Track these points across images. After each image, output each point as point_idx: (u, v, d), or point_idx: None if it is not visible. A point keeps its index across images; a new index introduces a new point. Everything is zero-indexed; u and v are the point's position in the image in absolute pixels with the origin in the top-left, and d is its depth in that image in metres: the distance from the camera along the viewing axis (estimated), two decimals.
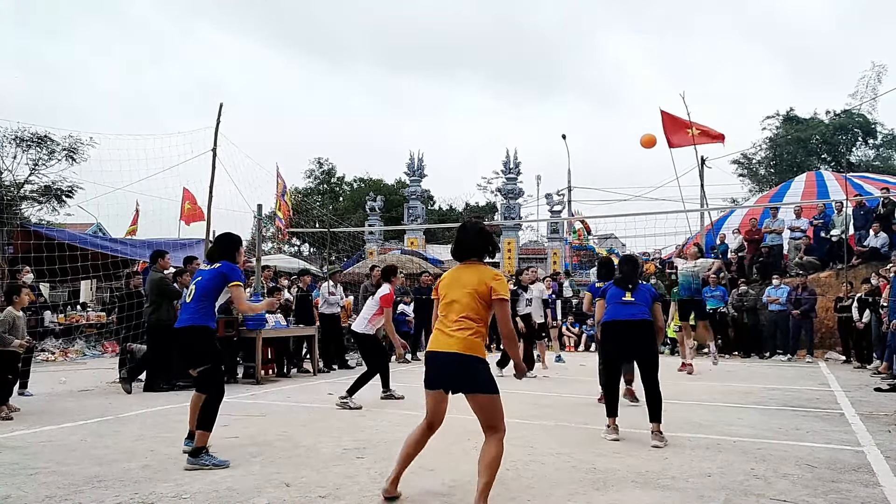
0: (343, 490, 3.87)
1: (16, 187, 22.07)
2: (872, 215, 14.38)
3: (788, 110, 36.09)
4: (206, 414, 4.50)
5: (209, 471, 4.27)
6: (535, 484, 4.04)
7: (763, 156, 35.79)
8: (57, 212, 23.92)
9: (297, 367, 10.82)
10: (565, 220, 26.72)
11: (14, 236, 13.98)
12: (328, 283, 11.49)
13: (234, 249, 4.92)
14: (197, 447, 4.43)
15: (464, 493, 3.82)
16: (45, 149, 22.21)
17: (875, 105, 32.80)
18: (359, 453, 4.82)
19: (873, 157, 33.93)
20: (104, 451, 4.88)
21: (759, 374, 10.69)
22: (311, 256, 31.95)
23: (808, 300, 13.23)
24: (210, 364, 4.63)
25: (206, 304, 4.71)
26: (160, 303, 8.44)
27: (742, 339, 14.36)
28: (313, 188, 45.19)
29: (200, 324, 4.65)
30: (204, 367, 4.61)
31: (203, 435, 4.46)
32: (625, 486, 3.98)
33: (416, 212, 29.33)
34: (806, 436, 5.57)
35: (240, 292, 4.80)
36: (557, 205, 27.46)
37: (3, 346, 6.56)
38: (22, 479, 4.07)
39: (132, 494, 3.77)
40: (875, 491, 3.91)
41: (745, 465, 4.49)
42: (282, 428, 5.80)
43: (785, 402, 7.48)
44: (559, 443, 5.20)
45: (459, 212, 43.84)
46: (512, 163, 28.96)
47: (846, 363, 12.43)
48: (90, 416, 6.38)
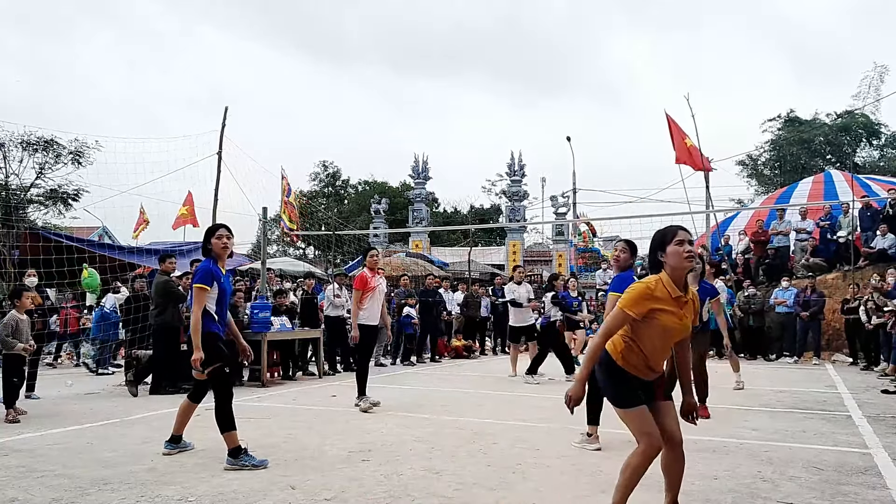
0: (348, 493, 3.87)
1: (22, 191, 22.19)
2: (879, 216, 14.33)
3: (789, 112, 36.00)
4: (221, 417, 4.49)
5: (217, 473, 4.28)
6: (541, 486, 4.03)
7: (767, 157, 35.70)
8: (63, 215, 24.04)
9: (302, 369, 10.82)
10: (570, 223, 26.70)
11: (21, 239, 14.04)
12: (333, 286, 11.50)
13: (208, 238, 4.73)
14: (233, 448, 4.44)
15: (470, 496, 3.81)
16: (52, 152, 22.33)
17: (878, 106, 32.70)
18: (364, 456, 4.82)
19: (878, 158, 33.81)
20: (110, 453, 4.90)
21: (765, 377, 10.64)
22: (317, 259, 31.96)
23: (817, 302, 13.17)
24: (216, 365, 4.60)
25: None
26: (165, 305, 8.47)
27: (748, 342, 14.30)
28: (318, 191, 45.29)
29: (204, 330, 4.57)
30: (213, 367, 4.56)
31: (231, 436, 4.46)
32: None
33: (420, 214, 29.37)
34: (813, 438, 5.54)
35: (196, 294, 4.52)
36: (562, 207, 27.44)
37: (8, 350, 6.59)
38: (29, 482, 4.08)
39: (138, 497, 3.78)
40: (883, 493, 3.89)
41: (751, 468, 4.48)
42: (287, 430, 5.81)
43: (792, 405, 7.44)
44: (565, 445, 5.18)
45: (464, 214, 43.87)
46: (517, 165, 28.97)
47: (853, 365, 12.37)
48: (96, 419, 6.41)
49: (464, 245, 28.77)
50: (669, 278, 3.00)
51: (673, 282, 2.99)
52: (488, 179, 48.23)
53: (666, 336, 3.01)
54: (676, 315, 2.99)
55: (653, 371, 3.09)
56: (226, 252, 4.74)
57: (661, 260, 3.03)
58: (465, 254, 23.48)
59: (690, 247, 3.01)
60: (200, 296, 4.53)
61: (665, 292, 2.97)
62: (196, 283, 4.53)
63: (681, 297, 3.00)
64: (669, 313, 2.97)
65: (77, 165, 22.64)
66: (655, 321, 2.96)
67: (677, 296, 2.98)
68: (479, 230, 32.48)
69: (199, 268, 4.66)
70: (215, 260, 4.69)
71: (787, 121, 35.56)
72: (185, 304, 9.00)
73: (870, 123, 33.27)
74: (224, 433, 4.47)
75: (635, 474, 3.07)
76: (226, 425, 4.48)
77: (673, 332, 3.01)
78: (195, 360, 4.47)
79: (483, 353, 15.47)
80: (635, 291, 2.99)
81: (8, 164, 21.84)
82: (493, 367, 12.22)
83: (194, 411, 4.92)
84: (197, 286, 4.52)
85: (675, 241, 3.00)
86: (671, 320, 2.97)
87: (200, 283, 4.52)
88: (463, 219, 42.16)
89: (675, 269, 3.00)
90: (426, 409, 7.09)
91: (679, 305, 3.00)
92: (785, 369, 12.06)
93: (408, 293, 13.51)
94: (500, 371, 11.54)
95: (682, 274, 3.02)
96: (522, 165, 29.03)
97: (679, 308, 3.00)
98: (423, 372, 11.60)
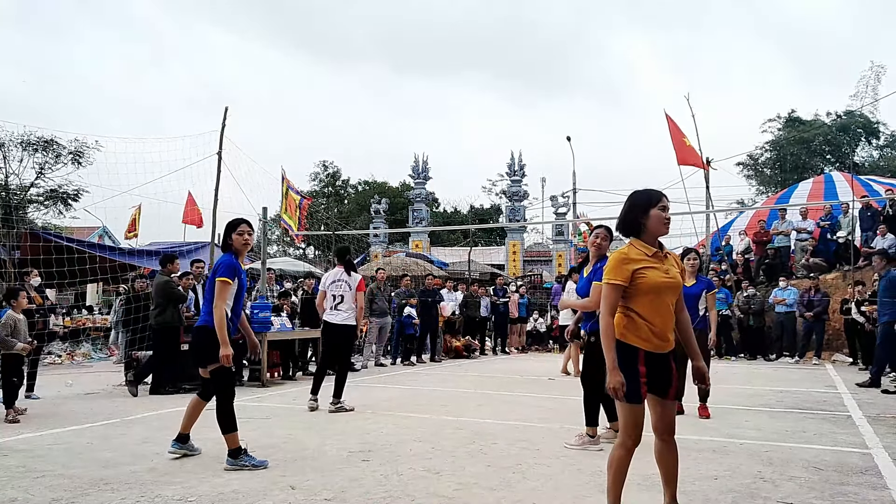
0: (348, 493, 3.86)
1: (22, 191, 22.19)
2: (880, 217, 14.33)
3: (790, 112, 36.03)
4: (222, 417, 4.48)
5: (217, 473, 4.28)
6: (541, 486, 4.03)
7: (767, 157, 35.72)
8: (63, 215, 24.04)
9: (302, 369, 10.82)
10: (570, 223, 26.69)
11: (22, 239, 14.04)
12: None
13: (229, 232, 4.71)
14: (233, 449, 4.43)
15: (470, 496, 3.81)
16: (52, 152, 22.33)
17: (876, 106, 32.74)
18: (364, 456, 4.82)
19: (878, 158, 33.82)
20: (110, 453, 4.89)
21: (765, 377, 10.65)
22: (317, 259, 31.96)
23: (821, 302, 13.17)
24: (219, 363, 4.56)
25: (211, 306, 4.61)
26: (165, 306, 8.48)
27: (748, 342, 14.30)
28: (318, 191, 45.29)
29: (211, 325, 4.54)
30: (214, 367, 4.54)
31: (233, 437, 4.45)
32: (630, 489, 3.95)
33: (420, 214, 29.35)
34: (813, 438, 5.54)
35: (221, 287, 4.49)
36: (562, 207, 27.44)
37: (7, 349, 6.59)
38: (28, 482, 4.08)
39: (138, 497, 3.78)
40: (883, 494, 3.89)
41: (751, 468, 4.47)
42: (287, 431, 5.81)
43: (792, 405, 7.44)
44: (567, 444, 5.18)
45: (464, 214, 43.87)
46: (517, 165, 28.97)
47: (853, 365, 12.37)
48: (96, 419, 6.40)
49: (464, 245, 28.77)
50: (642, 241, 3.07)
51: (646, 244, 3.05)
52: (488, 179, 48.38)
53: (660, 294, 3.01)
54: (660, 269, 3.02)
55: (663, 340, 3.03)
56: (246, 248, 4.73)
57: (640, 221, 3.07)
58: (465, 254, 23.49)
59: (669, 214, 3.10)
60: (224, 290, 4.51)
61: (641, 253, 3.03)
62: (221, 277, 4.50)
63: (658, 253, 3.05)
64: (653, 269, 3.00)
65: (77, 165, 22.65)
66: (643, 281, 2.98)
67: (654, 252, 3.04)
68: (479, 230, 32.47)
69: (222, 262, 4.60)
70: (236, 255, 4.68)
71: (788, 121, 35.59)
72: (185, 304, 9.01)
73: (868, 123, 33.29)
74: (225, 434, 4.46)
75: (620, 469, 3.09)
76: (227, 426, 4.47)
77: (664, 288, 3.01)
78: (225, 357, 4.46)
79: (483, 352, 15.48)
80: (612, 260, 3.05)
81: (8, 164, 21.85)
82: (494, 367, 12.22)
83: (203, 409, 4.83)
84: (222, 280, 4.50)
85: (660, 205, 3.07)
86: (657, 275, 3.00)
87: (225, 277, 4.51)
88: (463, 219, 42.15)
89: (651, 234, 3.07)
90: (426, 409, 7.09)
91: (660, 260, 3.05)
92: (785, 369, 12.06)
93: (408, 293, 13.51)
94: (500, 371, 11.55)
95: (655, 239, 3.08)
96: (522, 165, 29.03)
97: (661, 263, 3.04)
98: (423, 372, 11.60)
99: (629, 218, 3.11)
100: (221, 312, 4.50)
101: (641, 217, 3.07)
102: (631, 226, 3.11)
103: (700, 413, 6.48)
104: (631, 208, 3.12)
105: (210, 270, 4.73)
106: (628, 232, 3.13)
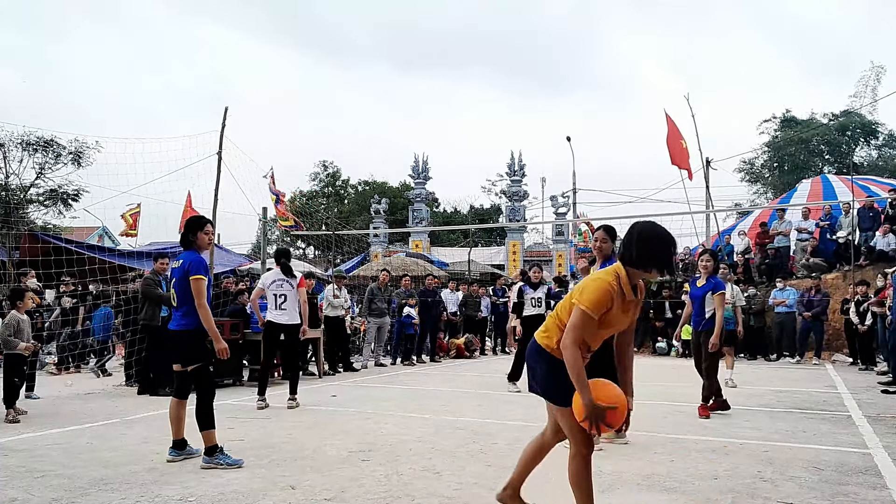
0: (348, 493, 3.87)
1: (22, 191, 22.21)
2: (880, 217, 14.34)
3: (785, 112, 35.96)
4: (202, 414, 4.54)
5: (217, 473, 4.28)
6: (541, 486, 4.02)
7: (766, 158, 35.71)
8: (63, 215, 24.06)
9: (302, 369, 10.81)
10: (570, 223, 26.70)
11: (21, 240, 14.05)
12: (332, 286, 11.50)
13: (194, 231, 4.72)
14: (209, 447, 4.48)
15: (469, 496, 3.81)
16: (52, 153, 22.36)
17: (876, 106, 32.76)
18: (364, 456, 4.82)
19: (876, 158, 33.82)
20: (110, 453, 4.90)
21: (765, 377, 10.65)
22: (316, 259, 31.97)
23: (821, 302, 13.17)
24: (201, 362, 4.62)
25: (188, 306, 4.62)
26: (144, 304, 8.55)
27: (748, 342, 14.29)
28: (318, 191, 45.29)
29: (187, 328, 4.61)
30: (196, 365, 4.60)
31: (209, 434, 4.50)
32: (631, 489, 3.97)
33: (420, 214, 29.37)
34: (813, 438, 5.54)
35: (198, 286, 4.56)
36: (562, 207, 27.45)
37: (9, 350, 6.60)
38: (28, 482, 4.08)
39: (138, 497, 3.78)
40: (883, 493, 3.89)
41: (751, 468, 4.47)
42: (287, 430, 5.81)
43: (792, 405, 7.45)
44: (565, 445, 5.17)
45: (464, 214, 43.88)
46: (517, 165, 28.98)
47: (853, 365, 12.37)
48: (96, 419, 6.40)
49: (464, 245, 28.79)
50: (627, 278, 2.90)
51: (630, 282, 2.91)
52: (488, 179, 48.33)
53: (609, 327, 2.96)
54: (627, 313, 2.98)
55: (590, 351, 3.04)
56: (210, 247, 4.85)
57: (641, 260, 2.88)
58: (465, 254, 23.49)
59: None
60: (203, 287, 4.60)
61: (624, 295, 2.90)
62: (196, 276, 4.58)
63: (633, 301, 2.97)
64: (620, 311, 2.92)
65: (77, 165, 22.68)
66: (605, 317, 2.89)
67: (631, 299, 2.95)
68: (479, 230, 32.50)
69: (191, 260, 4.66)
70: (198, 251, 4.76)
71: (784, 121, 35.55)
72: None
73: (867, 123, 33.29)
74: (202, 431, 4.51)
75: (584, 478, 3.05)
76: (205, 423, 4.52)
77: (617, 324, 2.98)
78: (222, 350, 4.59)
79: (483, 352, 15.48)
80: (600, 290, 2.84)
81: (8, 164, 21.87)
82: (494, 367, 12.22)
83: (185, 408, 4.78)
84: (197, 278, 4.58)
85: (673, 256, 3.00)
86: (619, 316, 2.94)
87: (200, 275, 4.59)
88: (463, 219, 42.15)
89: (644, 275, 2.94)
90: (426, 409, 7.09)
91: (631, 304, 2.98)
92: (785, 369, 12.06)
93: (408, 293, 13.51)
94: (500, 371, 11.53)
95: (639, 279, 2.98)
96: (522, 165, 29.05)
97: (631, 307, 2.99)
98: (423, 372, 11.60)
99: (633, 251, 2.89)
100: (207, 310, 4.60)
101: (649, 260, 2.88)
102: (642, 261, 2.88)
103: (700, 413, 6.48)
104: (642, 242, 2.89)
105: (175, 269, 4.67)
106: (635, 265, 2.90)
